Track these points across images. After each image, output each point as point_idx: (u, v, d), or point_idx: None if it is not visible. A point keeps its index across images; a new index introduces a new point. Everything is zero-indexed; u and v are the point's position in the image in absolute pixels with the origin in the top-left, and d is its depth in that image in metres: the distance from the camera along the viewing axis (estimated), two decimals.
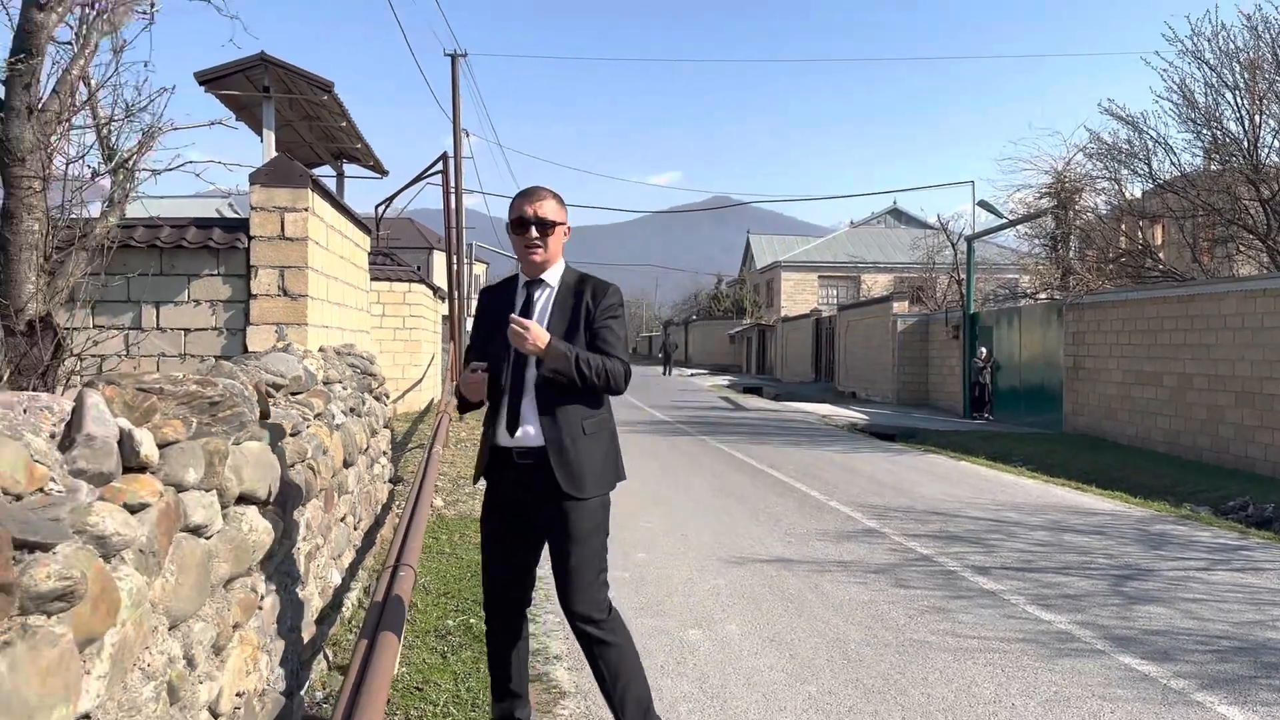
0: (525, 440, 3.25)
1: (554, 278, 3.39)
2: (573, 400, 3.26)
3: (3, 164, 4.88)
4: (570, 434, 3.25)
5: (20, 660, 1.57)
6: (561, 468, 3.21)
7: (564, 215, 3.38)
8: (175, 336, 7.94)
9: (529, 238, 3.27)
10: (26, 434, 1.89)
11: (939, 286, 31.04)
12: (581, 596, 3.24)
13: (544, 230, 3.28)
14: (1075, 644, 5.07)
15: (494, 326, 3.31)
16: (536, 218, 3.26)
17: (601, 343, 3.29)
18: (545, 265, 3.35)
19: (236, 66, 11.06)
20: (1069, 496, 10.17)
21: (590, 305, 3.31)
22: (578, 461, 3.25)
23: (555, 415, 3.24)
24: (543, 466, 3.23)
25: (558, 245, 3.37)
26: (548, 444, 3.23)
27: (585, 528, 3.27)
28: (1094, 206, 20.39)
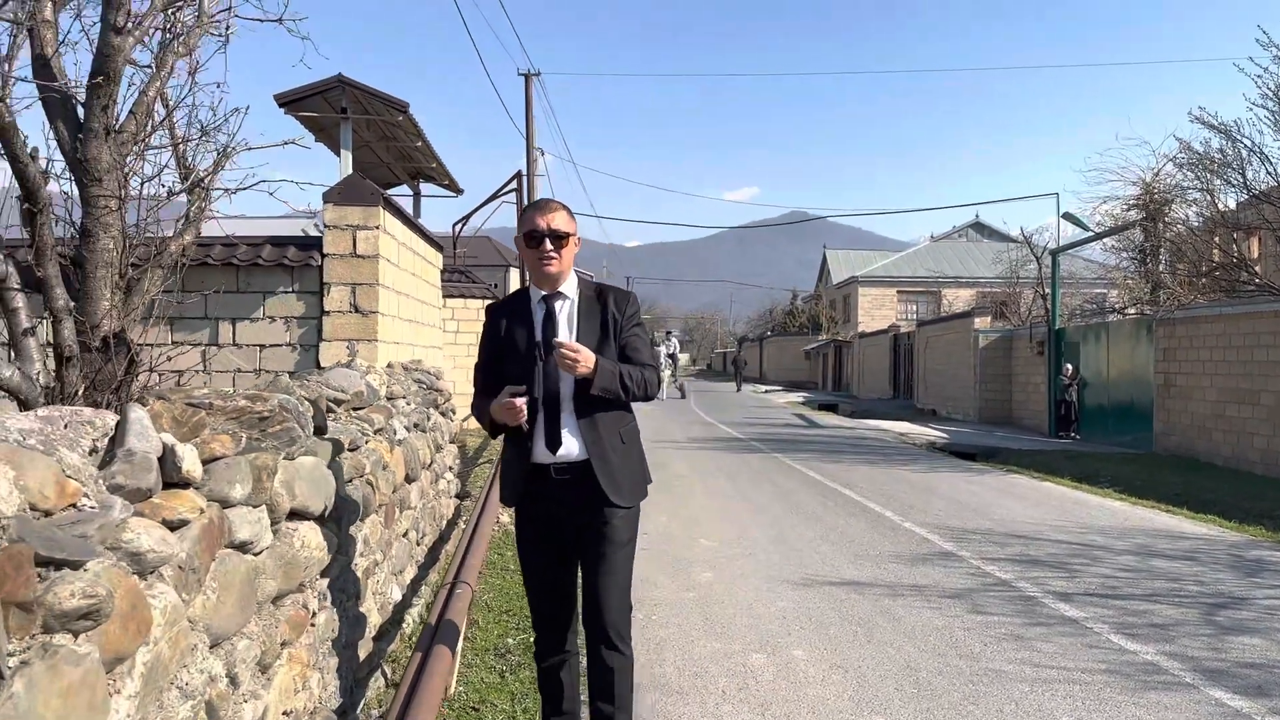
0: (567, 455, 3.21)
1: (571, 289, 3.36)
2: (607, 410, 3.26)
3: (81, 184, 5.01)
4: (611, 444, 3.26)
5: (38, 680, 1.54)
6: (606, 478, 3.20)
7: (574, 226, 3.35)
8: (250, 353, 8.09)
9: (544, 250, 3.22)
10: (61, 449, 1.88)
11: (1023, 301, 30.27)
12: (616, 610, 3.25)
13: (558, 242, 3.23)
14: (1163, 676, 4.80)
15: (510, 344, 3.29)
16: (550, 230, 3.22)
17: (632, 351, 3.30)
18: (560, 278, 3.31)
19: (314, 89, 11.30)
20: (1158, 519, 9.74)
21: (616, 314, 3.31)
22: (620, 470, 3.26)
23: (595, 428, 3.23)
24: (581, 480, 3.21)
25: (570, 256, 3.33)
26: (591, 457, 3.21)
27: (624, 536, 3.29)
28: (1185, 218, 19.67)
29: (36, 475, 1.72)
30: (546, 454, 3.22)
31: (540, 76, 25.46)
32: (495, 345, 3.36)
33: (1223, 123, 16.93)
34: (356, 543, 4.00)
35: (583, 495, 3.22)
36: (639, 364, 3.28)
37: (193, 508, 2.25)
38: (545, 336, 3.25)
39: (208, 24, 5.66)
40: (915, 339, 32.70)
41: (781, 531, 8.62)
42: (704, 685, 4.64)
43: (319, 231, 8.50)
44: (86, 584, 1.68)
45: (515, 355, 3.27)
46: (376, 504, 4.39)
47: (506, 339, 3.31)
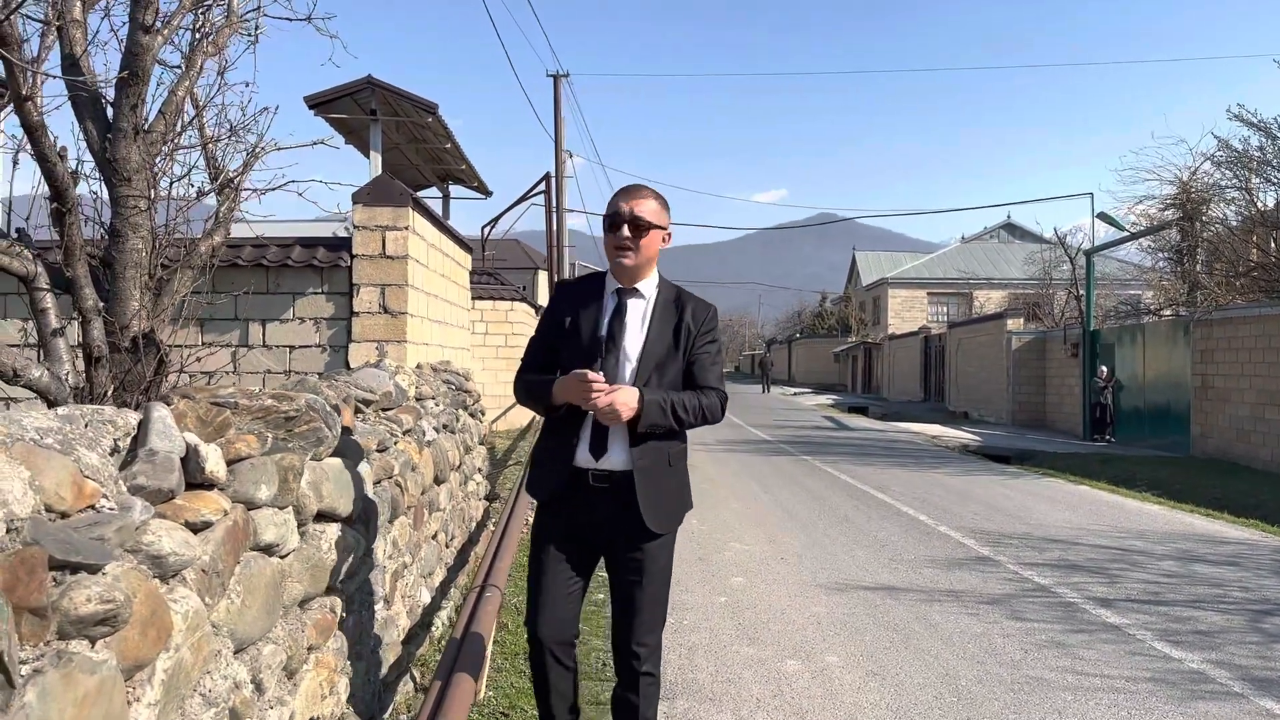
0: (610, 465, 2.98)
1: (648, 289, 3.09)
2: None
3: (110, 183, 5.00)
4: (659, 464, 3.02)
5: (52, 689, 1.47)
6: (647, 499, 2.97)
7: (665, 219, 3.06)
8: (280, 354, 8.08)
9: (620, 237, 2.95)
10: (80, 448, 1.82)
11: (1056, 303, 29.91)
12: (649, 633, 3.06)
13: (638, 231, 2.95)
14: (1210, 685, 4.65)
15: (572, 330, 3.04)
16: (632, 215, 2.95)
17: (699, 369, 3.05)
18: (637, 273, 3.04)
19: (344, 90, 11.30)
20: (1198, 524, 9.52)
21: (691, 326, 3.06)
22: (663, 494, 3.03)
23: (645, 442, 2.98)
24: (619, 493, 2.97)
25: (653, 251, 3.04)
26: (636, 473, 2.96)
27: (662, 563, 3.07)
28: (1223, 217, 19.32)
29: (53, 475, 1.66)
30: (589, 458, 2.98)
31: (569, 78, 25.44)
32: (555, 326, 3.10)
33: (1262, 120, 16.63)
34: (385, 545, 3.94)
35: (618, 510, 2.99)
36: (702, 386, 3.05)
37: (216, 509, 2.19)
38: (610, 333, 3.01)
39: (237, 23, 5.63)
40: (946, 341, 32.40)
41: (813, 536, 8.50)
42: (737, 692, 4.54)
43: (348, 234, 8.48)
44: (104, 589, 1.62)
45: (574, 344, 3.02)
46: (405, 506, 4.33)
47: (570, 325, 3.05)
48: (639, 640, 3.02)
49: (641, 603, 3.02)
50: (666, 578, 3.11)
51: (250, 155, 6.00)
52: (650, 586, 3.03)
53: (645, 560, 3.02)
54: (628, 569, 3.03)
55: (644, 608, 3.03)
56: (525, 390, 3.09)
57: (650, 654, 3.07)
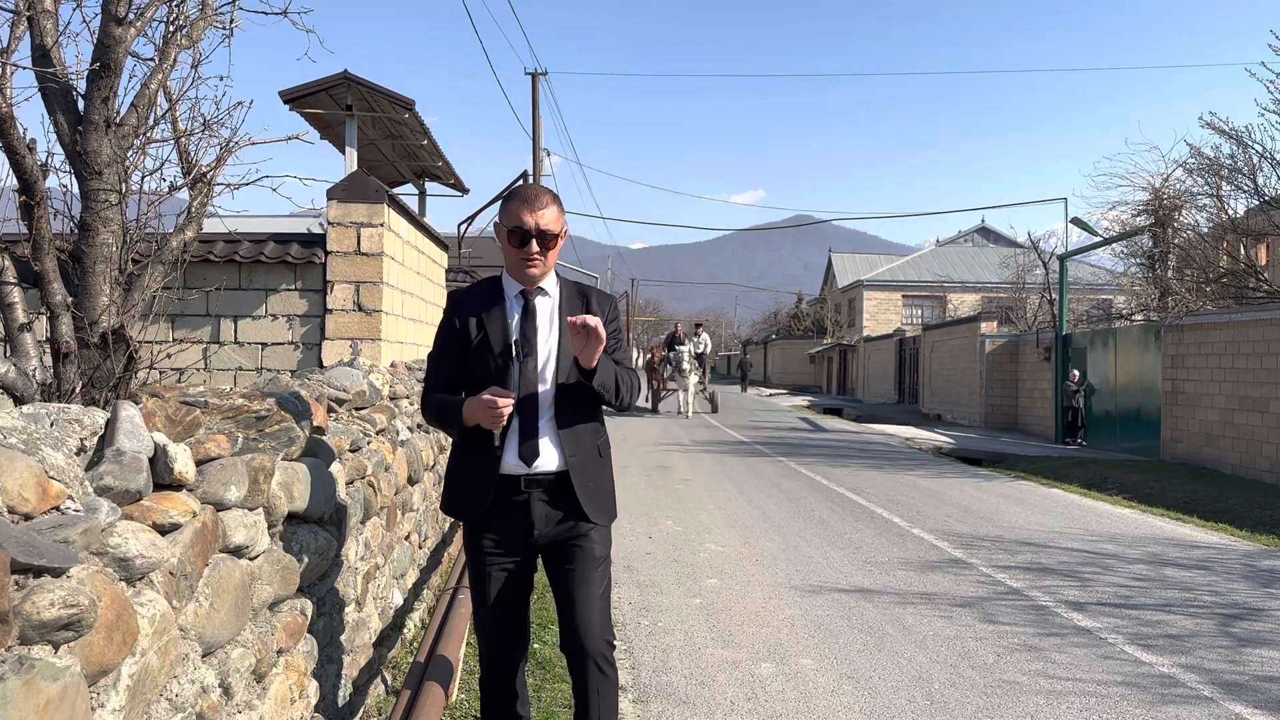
0: (544, 467, 2.94)
1: (551, 287, 3.08)
2: (587, 419, 3.04)
3: (80, 177, 4.92)
4: (590, 456, 3.02)
5: (12, 696, 1.43)
6: (585, 492, 2.96)
7: (563, 221, 3.01)
8: (252, 351, 7.99)
9: (529, 252, 2.91)
10: (45, 448, 1.78)
11: (1029, 307, 30.14)
12: (599, 630, 2.97)
13: (545, 244, 2.92)
14: (1180, 689, 4.69)
15: (482, 341, 2.96)
16: (538, 230, 2.90)
17: (614, 354, 3.03)
18: (542, 277, 3.03)
19: (320, 85, 11.20)
20: (1169, 528, 9.62)
21: (600, 315, 2.99)
22: (598, 486, 3.02)
23: (575, 438, 2.98)
24: (555, 495, 2.96)
25: (555, 256, 3.02)
26: (570, 469, 2.95)
27: (601, 554, 3.03)
28: (1194, 224, 19.53)
29: (16, 476, 1.62)
30: (520, 465, 2.92)
31: (547, 76, 25.38)
32: (457, 339, 3.02)
33: (1233, 128, 16.81)
34: (357, 546, 3.90)
35: (555, 512, 2.96)
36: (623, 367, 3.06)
37: (185, 510, 2.15)
38: (524, 336, 2.97)
39: (212, 16, 5.56)
40: (921, 343, 32.58)
41: (788, 538, 8.51)
42: (711, 695, 4.54)
43: (322, 230, 8.41)
44: (68, 593, 1.58)
45: (485, 353, 2.95)
46: (378, 506, 4.29)
47: (477, 335, 2.98)
48: (589, 639, 2.94)
49: (589, 597, 2.96)
50: (608, 572, 3.07)
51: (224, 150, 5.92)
52: (594, 576, 2.98)
53: (584, 544, 2.98)
54: (567, 558, 2.98)
55: (592, 602, 2.96)
56: (435, 414, 3.02)
57: (604, 650, 2.98)
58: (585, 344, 2.79)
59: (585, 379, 2.87)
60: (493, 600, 3.00)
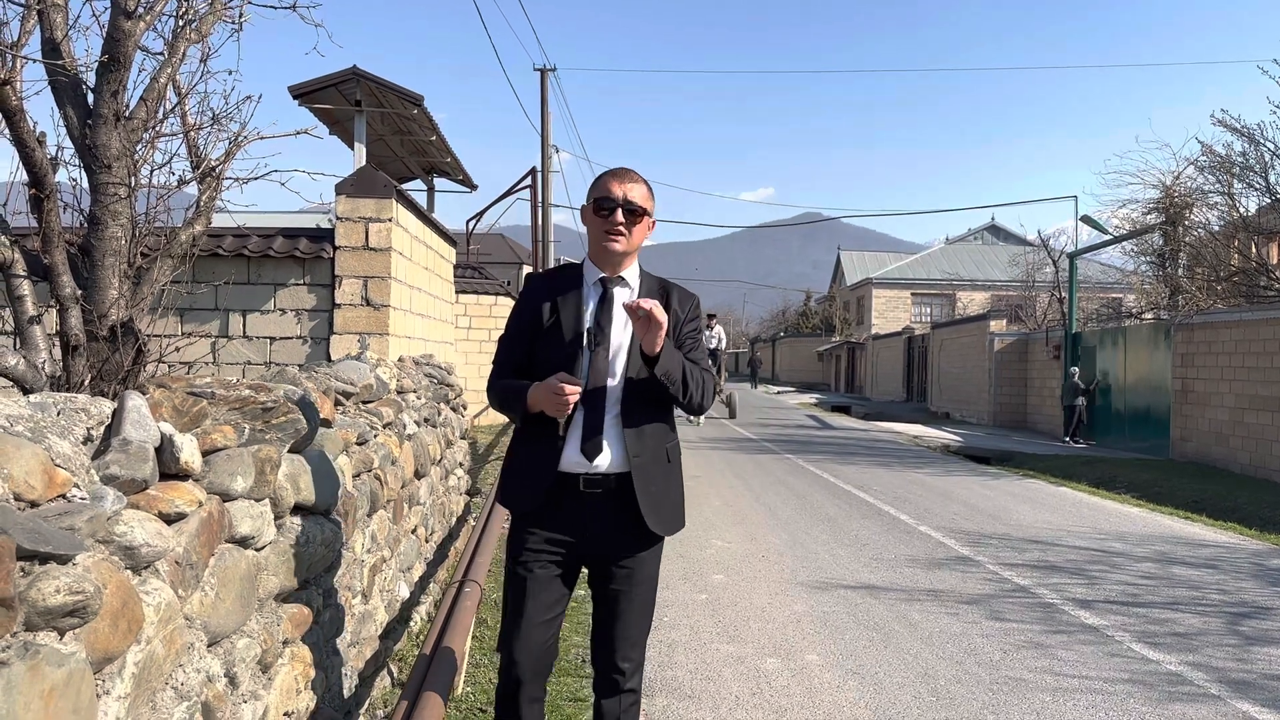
0: (604, 466, 2.75)
1: (633, 278, 2.91)
2: (656, 419, 2.84)
3: (90, 170, 4.93)
4: (658, 460, 2.83)
5: (17, 681, 1.44)
6: (647, 499, 2.76)
7: (653, 205, 2.89)
8: (261, 345, 8.02)
9: (613, 222, 2.76)
10: (51, 437, 1.79)
11: (1039, 305, 30.06)
12: (634, 648, 2.84)
13: (631, 216, 2.77)
14: (1187, 687, 4.67)
15: (553, 325, 2.81)
16: (625, 200, 2.76)
17: (690, 353, 2.87)
18: (624, 260, 2.85)
19: (329, 80, 11.21)
20: (1177, 526, 9.58)
21: (679, 312, 2.89)
22: (663, 493, 2.83)
23: (642, 438, 2.79)
24: (616, 498, 2.76)
25: (640, 238, 2.86)
26: (634, 471, 2.75)
27: (651, 571, 2.86)
28: (1205, 222, 19.44)
29: (22, 464, 1.63)
30: (581, 461, 2.73)
31: (556, 72, 25.37)
32: (529, 322, 2.86)
33: (1245, 126, 16.74)
34: (364, 539, 3.91)
35: (612, 516, 2.77)
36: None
37: (191, 500, 2.16)
38: (598, 324, 2.79)
39: (221, 10, 5.58)
40: (929, 341, 32.52)
41: (795, 534, 8.50)
42: (717, 689, 4.54)
43: (330, 225, 8.42)
44: (73, 580, 1.58)
45: (556, 339, 2.80)
46: (384, 499, 4.30)
47: (549, 319, 2.82)
48: (624, 656, 2.83)
49: (629, 616, 2.82)
50: (654, 587, 2.92)
51: (233, 144, 5.94)
52: (639, 598, 2.84)
53: (635, 569, 2.83)
54: (615, 579, 2.82)
55: (631, 621, 2.83)
56: (499, 398, 2.87)
57: (634, 669, 2.87)
58: (647, 328, 2.62)
59: (648, 367, 2.69)
60: (528, 606, 2.76)
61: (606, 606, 2.85)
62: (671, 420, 2.94)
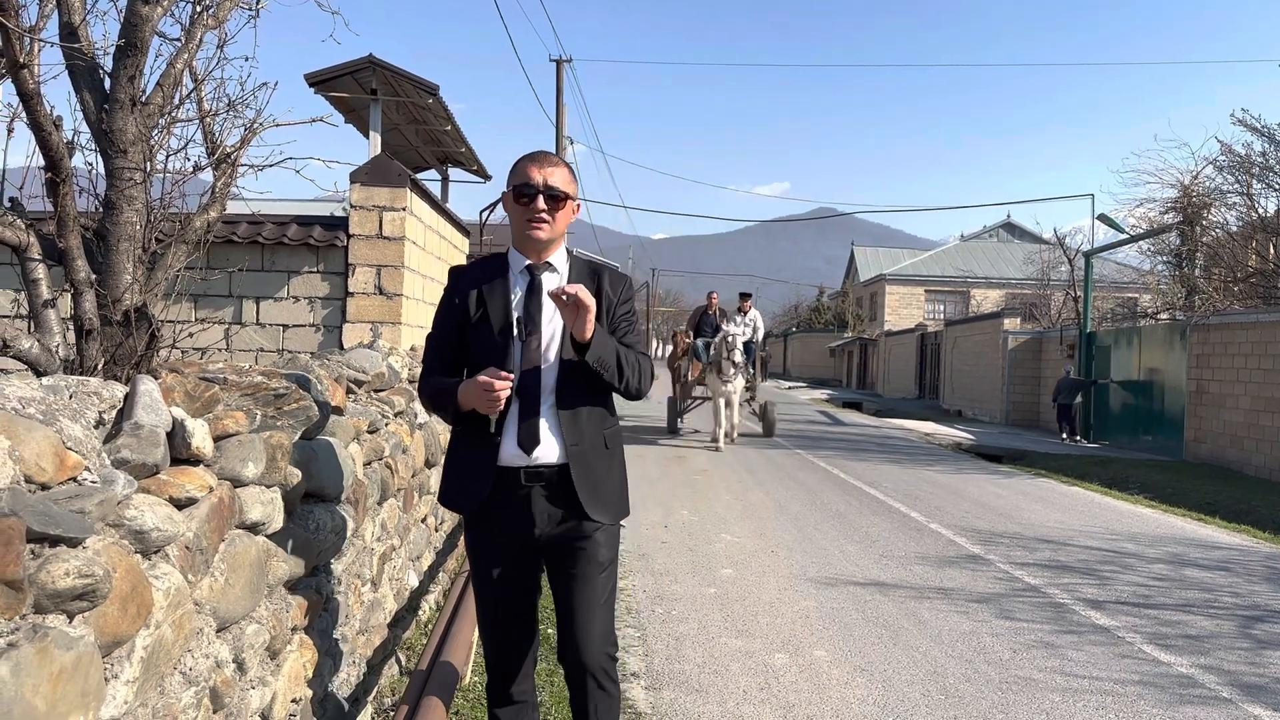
0: (544, 458, 2.69)
1: (560, 263, 2.82)
2: (592, 405, 2.77)
3: (106, 155, 4.94)
4: (595, 447, 2.76)
5: (26, 664, 1.44)
6: (587, 488, 2.71)
7: (575, 188, 2.81)
8: (274, 332, 8.03)
9: (535, 209, 2.68)
10: (63, 419, 1.78)
11: (1053, 304, 29.92)
12: (600, 641, 2.72)
13: (554, 202, 2.70)
14: (1198, 690, 4.65)
15: (481, 319, 2.73)
16: (546, 186, 2.68)
17: (624, 337, 2.80)
18: (549, 247, 2.78)
19: (345, 69, 11.20)
20: (1189, 528, 9.53)
21: (610, 294, 2.82)
22: (604, 480, 2.76)
23: (578, 425, 2.73)
24: (558, 489, 2.71)
25: (565, 223, 2.78)
26: (571, 460, 2.70)
27: (605, 558, 2.77)
28: (1223, 222, 19.30)
29: (34, 446, 1.62)
30: (520, 455, 2.68)
31: (571, 63, 25.32)
32: (457, 317, 2.79)
33: (1265, 125, 16.60)
34: (373, 527, 3.91)
35: (557, 507, 2.72)
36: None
37: (202, 485, 2.15)
38: (528, 312, 2.72)
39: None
40: (943, 339, 32.40)
41: (804, 529, 8.48)
42: (724, 684, 4.53)
43: (344, 213, 8.42)
44: (83, 563, 1.58)
45: (485, 332, 2.72)
46: (395, 488, 4.30)
47: (476, 311, 2.75)
48: (588, 652, 2.71)
49: (590, 605, 2.72)
50: (613, 577, 2.82)
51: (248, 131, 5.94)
52: (596, 582, 2.74)
53: (588, 548, 2.74)
54: (570, 561, 2.75)
55: (593, 611, 2.73)
56: (431, 398, 2.79)
57: (604, 664, 2.74)
58: (575, 315, 2.55)
59: (578, 354, 2.63)
60: (496, 601, 2.78)
61: (565, 596, 2.76)
62: (611, 405, 2.85)
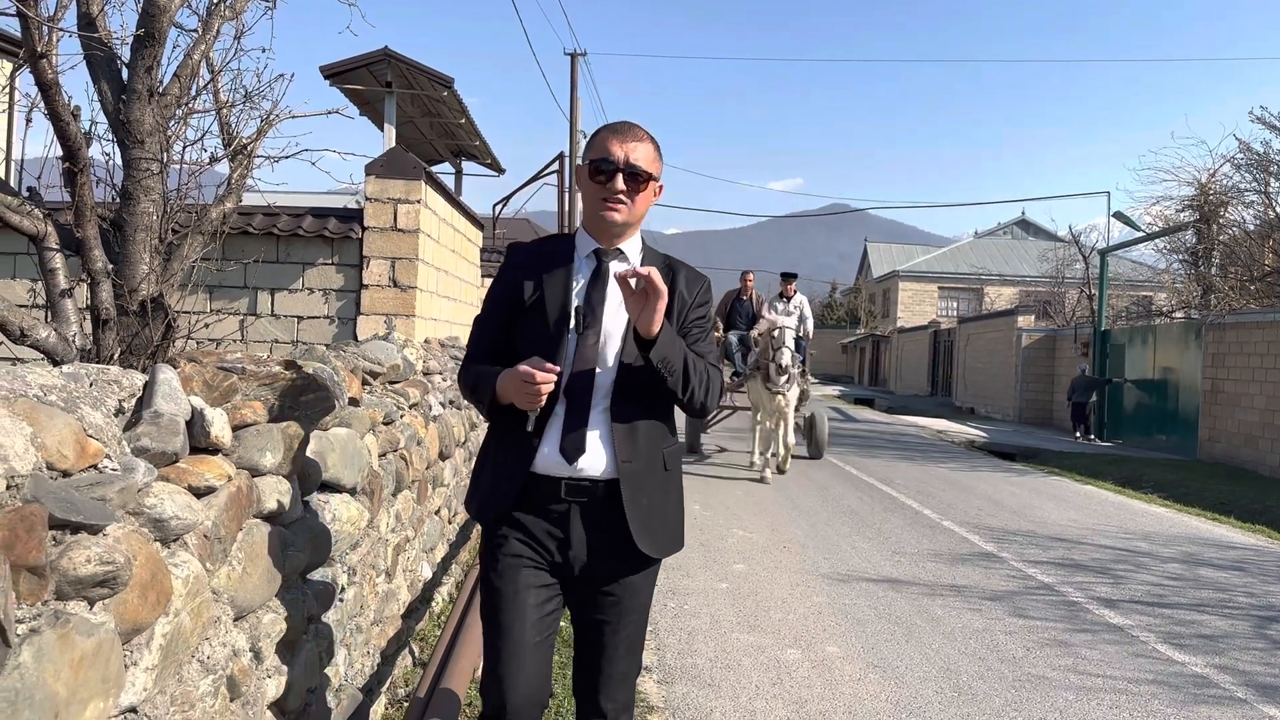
0: (589, 470, 2.31)
1: (633, 252, 2.46)
2: (653, 418, 2.40)
3: (123, 145, 4.96)
4: (651, 465, 2.37)
5: (48, 649, 1.44)
6: (636, 511, 2.33)
7: (660, 167, 2.42)
8: (288, 323, 8.05)
9: (613, 189, 2.32)
10: (84, 407, 1.79)
11: (1068, 301, 29.78)
12: (624, 687, 2.44)
13: (634, 182, 2.34)
14: (1213, 689, 4.62)
15: (536, 302, 2.37)
16: (628, 164, 2.32)
17: (695, 344, 2.43)
18: (624, 231, 2.41)
19: (360, 61, 11.23)
20: (1204, 528, 9.48)
21: (685, 295, 2.45)
22: (658, 507, 2.39)
23: (634, 438, 2.35)
24: (602, 508, 2.34)
25: (645, 206, 2.41)
26: (622, 479, 2.32)
27: (644, 599, 2.44)
28: (1240, 221, 19.16)
29: (55, 433, 1.62)
30: (560, 463, 2.31)
31: (586, 56, 25.30)
32: (509, 300, 2.42)
33: None
34: (388, 518, 3.91)
35: (598, 532, 2.35)
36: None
37: (220, 474, 2.16)
38: (589, 303, 2.35)
39: None
40: (956, 336, 32.31)
41: (816, 526, 8.47)
42: (737, 678, 4.52)
43: (358, 205, 8.44)
44: (104, 550, 1.58)
45: (538, 320, 2.37)
46: (409, 479, 4.30)
47: (532, 295, 2.38)
48: (608, 695, 2.41)
49: (615, 649, 2.40)
50: (645, 617, 2.47)
51: (264, 122, 5.95)
52: (627, 629, 2.40)
53: (624, 597, 2.39)
54: (600, 606, 2.39)
55: (618, 656, 2.41)
56: (470, 386, 2.44)
57: (620, 710, 2.45)
58: (643, 303, 2.20)
59: (642, 352, 2.27)
60: (513, 633, 2.31)
61: (589, 638, 2.43)
62: (672, 421, 2.50)
